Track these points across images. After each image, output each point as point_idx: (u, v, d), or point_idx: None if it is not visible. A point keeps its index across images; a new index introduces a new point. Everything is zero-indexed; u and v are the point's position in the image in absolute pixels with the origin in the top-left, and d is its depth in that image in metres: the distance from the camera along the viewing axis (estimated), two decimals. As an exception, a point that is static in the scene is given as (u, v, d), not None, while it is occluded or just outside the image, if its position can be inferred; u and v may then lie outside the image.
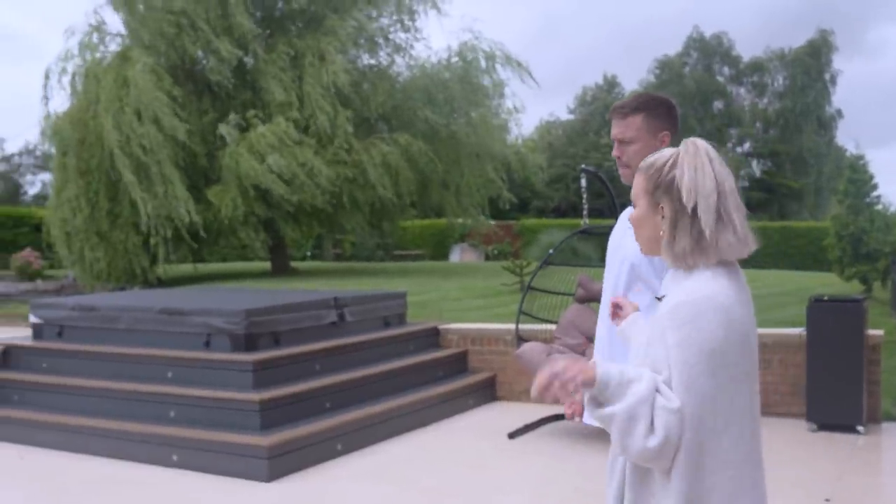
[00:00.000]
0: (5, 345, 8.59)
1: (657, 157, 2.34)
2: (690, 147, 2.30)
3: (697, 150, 2.29)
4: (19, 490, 6.30)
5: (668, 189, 2.28)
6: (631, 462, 2.21)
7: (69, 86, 19.86)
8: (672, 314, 2.15)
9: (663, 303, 2.26)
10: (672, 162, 2.29)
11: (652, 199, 2.32)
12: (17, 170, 61.82)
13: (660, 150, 2.38)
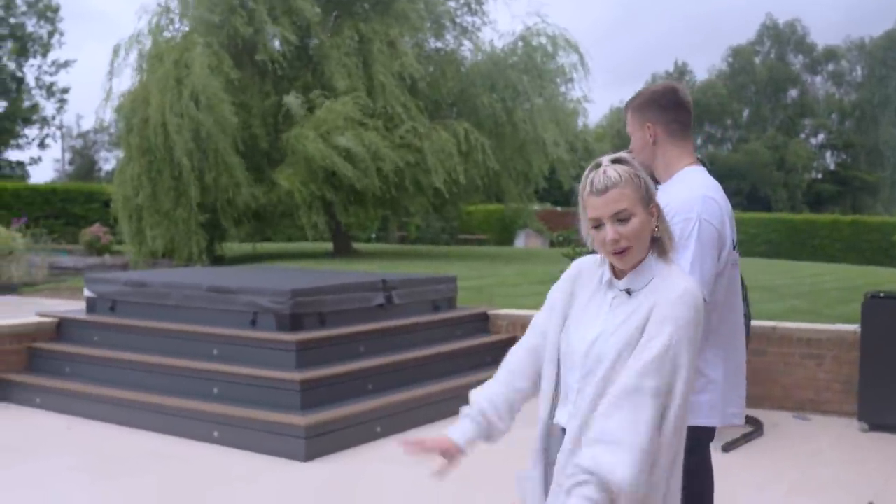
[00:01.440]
0: (60, 317, 8.75)
1: (629, 168, 2.46)
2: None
3: None
4: (66, 459, 6.41)
5: (650, 193, 2.47)
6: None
7: (135, 65, 20.15)
8: (677, 301, 2.37)
9: (649, 293, 2.41)
10: (639, 170, 2.48)
11: (645, 204, 2.45)
12: (92, 146, 63.14)
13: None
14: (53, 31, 45.69)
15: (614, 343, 2.40)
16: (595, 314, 2.51)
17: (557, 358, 2.57)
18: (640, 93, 3.30)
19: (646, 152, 3.22)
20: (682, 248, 2.94)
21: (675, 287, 2.39)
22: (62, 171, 60.14)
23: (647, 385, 2.30)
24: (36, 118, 44.55)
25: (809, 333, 7.76)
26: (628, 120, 3.29)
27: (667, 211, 2.90)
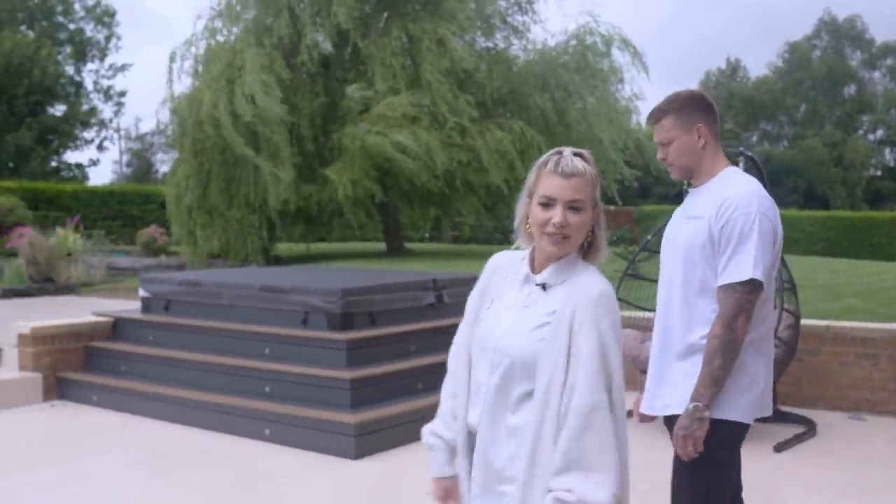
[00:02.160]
0: (115, 317, 8.90)
1: (586, 163, 2.47)
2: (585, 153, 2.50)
3: None
4: (121, 455, 6.52)
5: (598, 200, 2.50)
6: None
7: (191, 68, 20.42)
8: (600, 303, 2.39)
9: (566, 290, 2.44)
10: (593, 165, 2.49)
11: (594, 201, 2.48)
12: (149, 149, 64.03)
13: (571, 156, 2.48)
14: (110, 36, 46.42)
15: (528, 345, 2.41)
16: (507, 308, 2.52)
17: (469, 356, 2.58)
18: (676, 97, 3.27)
19: (694, 155, 3.24)
20: (743, 241, 3.01)
21: (592, 289, 2.41)
22: (120, 173, 61.10)
23: (600, 400, 2.33)
24: (94, 121, 45.29)
25: (864, 332, 7.63)
26: (667, 124, 3.25)
27: (726, 205, 3.05)
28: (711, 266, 3.12)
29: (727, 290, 3.04)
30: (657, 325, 3.31)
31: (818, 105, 53.65)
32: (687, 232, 3.18)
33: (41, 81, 37.98)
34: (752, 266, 3.02)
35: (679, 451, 3.10)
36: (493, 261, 2.67)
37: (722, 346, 3.02)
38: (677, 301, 3.20)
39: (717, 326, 3.03)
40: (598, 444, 2.31)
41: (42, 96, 38.70)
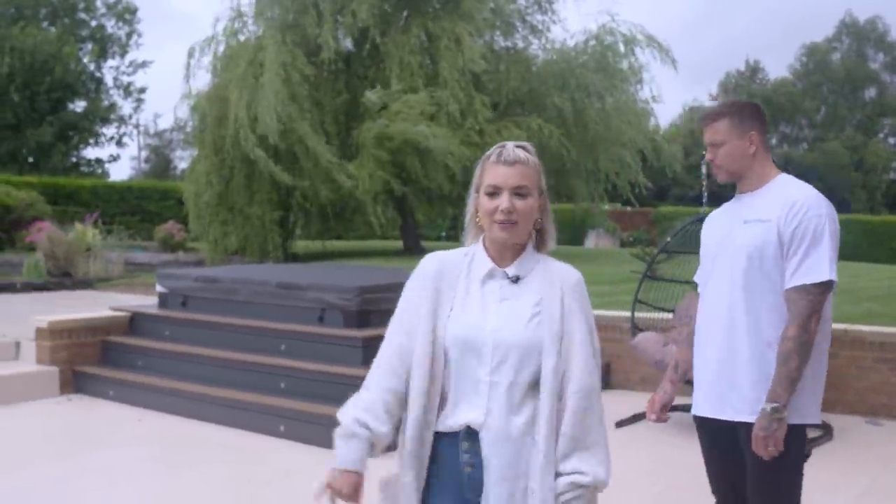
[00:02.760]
0: (133, 312, 8.93)
1: (526, 151, 2.57)
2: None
3: None
4: (137, 449, 6.55)
5: (543, 188, 2.60)
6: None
7: (210, 65, 20.46)
8: (580, 289, 2.55)
9: (561, 277, 2.55)
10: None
11: (539, 188, 2.56)
12: (168, 145, 64.27)
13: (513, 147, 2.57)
14: (131, 33, 46.56)
15: (527, 337, 2.47)
16: (482, 305, 2.52)
17: (432, 355, 2.51)
18: (733, 103, 3.37)
19: (743, 161, 3.31)
20: (816, 243, 3.09)
21: (572, 276, 2.57)
22: (139, 169, 61.33)
23: (595, 382, 2.48)
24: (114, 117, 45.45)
25: (882, 337, 7.58)
26: (722, 127, 3.32)
27: (797, 207, 3.13)
28: (779, 268, 3.17)
29: (801, 291, 3.10)
30: (717, 329, 3.31)
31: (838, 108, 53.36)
32: (750, 235, 3.22)
33: (63, 78, 38.16)
34: (828, 267, 3.10)
35: (760, 452, 3.12)
36: (435, 263, 2.63)
37: (798, 346, 3.08)
38: (742, 305, 3.23)
39: (793, 327, 3.09)
40: (595, 424, 2.47)
41: (63, 93, 38.88)
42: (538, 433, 2.42)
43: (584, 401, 2.44)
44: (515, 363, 2.44)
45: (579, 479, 2.41)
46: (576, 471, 2.41)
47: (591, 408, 2.45)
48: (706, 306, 3.39)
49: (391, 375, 2.56)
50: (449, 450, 2.50)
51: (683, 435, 7.12)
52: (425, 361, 2.50)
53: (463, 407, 2.49)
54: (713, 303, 3.34)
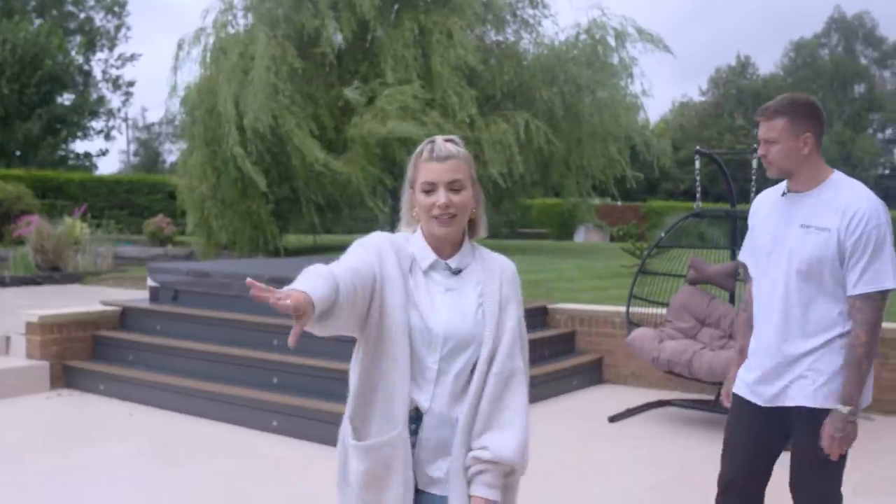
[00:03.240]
0: (123, 306, 8.89)
1: (458, 145, 2.63)
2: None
3: None
4: (128, 445, 6.51)
5: (475, 179, 2.65)
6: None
7: (199, 58, 20.34)
8: (515, 279, 2.66)
9: (499, 267, 2.64)
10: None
11: (472, 180, 2.62)
12: (157, 138, 64.11)
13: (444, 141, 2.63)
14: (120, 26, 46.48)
15: (473, 327, 2.55)
16: (430, 296, 2.58)
17: (408, 322, 2.52)
18: (793, 101, 3.37)
19: (793, 160, 3.35)
20: (879, 252, 3.21)
21: (508, 267, 2.67)
22: (127, 162, 61.14)
23: (517, 366, 2.57)
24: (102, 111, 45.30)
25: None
26: (779, 125, 3.33)
27: (858, 217, 3.22)
28: (835, 274, 3.28)
29: (867, 298, 3.23)
30: (774, 320, 3.40)
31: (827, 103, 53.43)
32: (810, 244, 3.30)
33: (52, 71, 38.00)
34: (893, 275, 3.23)
35: (833, 452, 3.29)
36: (391, 241, 2.61)
37: (868, 352, 3.24)
38: (796, 303, 3.34)
39: (864, 334, 3.23)
40: (512, 406, 2.54)
41: (52, 86, 38.70)
42: (461, 413, 2.53)
43: (501, 384, 2.53)
44: (462, 353, 2.54)
45: (481, 454, 2.49)
46: (481, 446, 2.50)
47: (507, 390, 2.54)
48: (764, 300, 3.49)
49: (351, 273, 2.40)
50: None
51: (677, 430, 7.13)
52: (404, 334, 2.51)
53: (411, 391, 2.54)
54: (770, 298, 3.44)
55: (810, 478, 3.41)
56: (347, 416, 2.65)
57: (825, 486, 3.43)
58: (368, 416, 2.57)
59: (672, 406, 7.69)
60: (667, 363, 7.01)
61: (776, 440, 3.53)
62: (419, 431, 2.55)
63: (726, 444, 3.65)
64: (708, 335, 7.29)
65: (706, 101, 54.53)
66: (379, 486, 2.56)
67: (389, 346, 2.53)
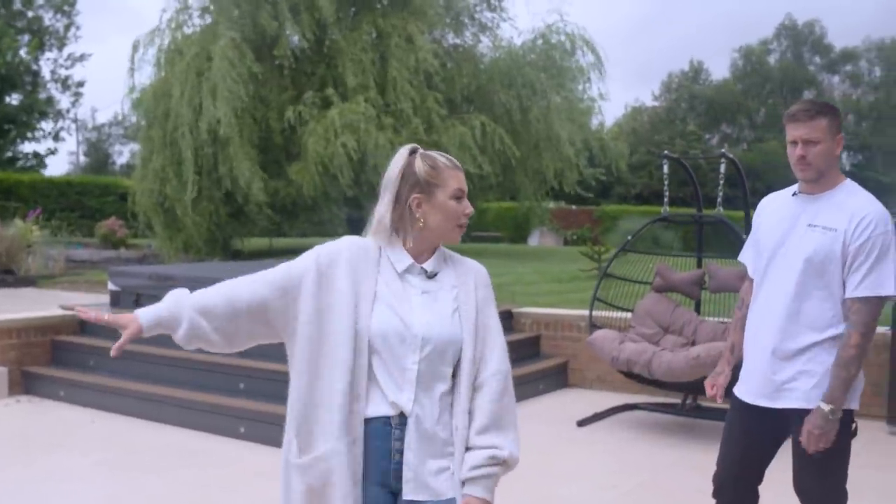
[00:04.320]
0: (83, 311, 8.73)
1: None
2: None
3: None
4: (91, 453, 6.39)
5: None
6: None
7: (154, 59, 20.13)
8: (489, 283, 2.72)
9: (472, 270, 2.69)
10: None
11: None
12: (107, 139, 63.24)
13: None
14: (69, 25, 45.70)
15: (453, 330, 2.58)
16: (405, 299, 2.58)
17: (354, 347, 2.52)
18: (828, 104, 3.43)
19: (830, 162, 3.40)
20: (882, 258, 3.28)
21: (481, 269, 2.73)
22: (77, 164, 60.26)
23: (508, 368, 2.64)
24: (51, 111, 44.56)
25: (838, 336, 7.67)
26: (822, 126, 3.36)
27: (866, 222, 3.30)
28: (837, 275, 3.33)
29: (866, 302, 3.29)
30: (773, 321, 3.45)
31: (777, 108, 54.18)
32: (814, 242, 3.36)
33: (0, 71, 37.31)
34: (892, 282, 3.29)
35: (810, 448, 3.34)
36: (355, 248, 2.64)
37: (859, 354, 3.28)
38: (797, 303, 3.40)
39: (857, 335, 3.28)
40: (510, 406, 2.61)
41: (1, 85, 38.01)
42: (456, 417, 2.56)
43: (502, 383, 2.58)
44: (441, 354, 2.55)
45: (498, 453, 2.52)
46: (493, 445, 2.53)
47: (507, 390, 2.59)
48: (763, 299, 3.54)
49: (241, 302, 2.64)
50: (375, 438, 2.53)
51: (644, 433, 7.17)
52: (349, 355, 2.51)
53: (393, 394, 2.53)
54: (770, 296, 3.49)
55: (813, 478, 3.47)
56: (292, 435, 2.61)
57: (829, 484, 3.49)
58: (312, 430, 2.56)
59: (639, 409, 7.72)
60: (626, 363, 7.01)
61: (770, 441, 3.60)
62: (405, 435, 2.52)
63: (722, 445, 3.72)
64: (671, 342, 7.32)
65: (659, 106, 55.00)
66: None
67: (329, 352, 2.54)
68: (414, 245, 2.63)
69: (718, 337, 7.11)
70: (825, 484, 3.49)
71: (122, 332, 2.56)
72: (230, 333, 2.68)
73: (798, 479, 3.52)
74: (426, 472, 2.53)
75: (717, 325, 7.30)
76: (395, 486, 2.53)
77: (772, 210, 3.62)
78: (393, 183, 2.61)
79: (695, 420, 7.41)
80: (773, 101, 55.02)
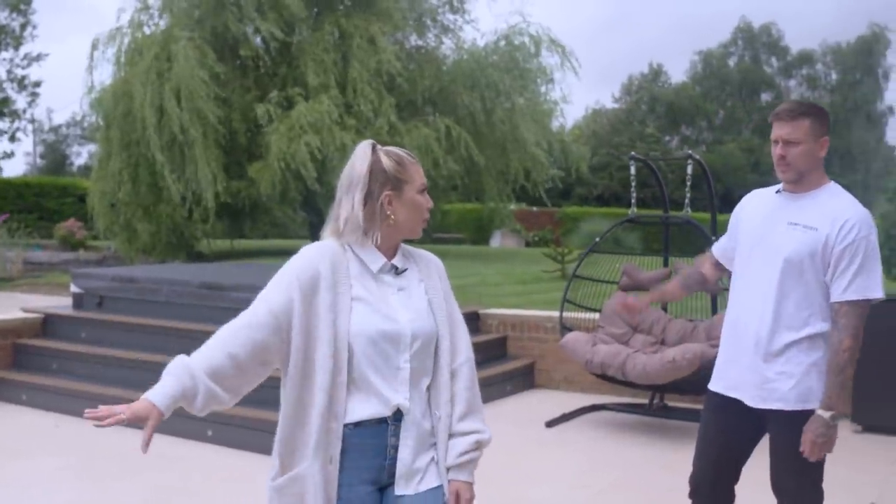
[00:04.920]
0: (46, 313, 8.61)
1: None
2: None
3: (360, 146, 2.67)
4: (54, 458, 6.30)
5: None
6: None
7: (114, 58, 19.89)
8: (445, 272, 2.79)
9: (418, 268, 2.72)
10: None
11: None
12: (64, 140, 62.48)
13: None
14: (26, 24, 45.11)
15: (430, 323, 2.64)
16: (383, 297, 2.60)
17: (335, 349, 2.51)
18: (814, 105, 3.42)
19: (812, 163, 3.39)
20: (868, 261, 3.28)
21: (435, 260, 2.81)
22: (33, 165, 59.46)
23: (473, 356, 2.73)
24: (7, 112, 43.95)
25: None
26: (805, 127, 3.34)
27: (850, 224, 3.28)
28: (817, 276, 3.33)
29: (855, 305, 3.28)
30: (752, 319, 3.45)
31: (736, 111, 54.70)
32: (794, 240, 3.35)
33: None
34: (880, 285, 3.32)
35: (812, 454, 3.34)
36: (327, 254, 2.60)
37: (852, 357, 3.29)
38: (775, 302, 3.38)
39: (849, 339, 3.28)
40: (477, 391, 2.71)
41: (-45, 85, 37.48)
42: (439, 407, 2.64)
43: (471, 371, 2.70)
44: (426, 349, 2.61)
45: (481, 437, 2.66)
46: (475, 430, 2.66)
47: (474, 377, 2.71)
48: (742, 294, 3.53)
49: (236, 344, 2.57)
50: (367, 438, 2.54)
51: (612, 434, 7.19)
52: (328, 357, 2.50)
53: (389, 395, 2.55)
54: (750, 293, 3.48)
55: (791, 478, 3.47)
56: (275, 455, 2.66)
57: (806, 483, 3.50)
58: (293, 449, 2.60)
59: (606, 410, 7.75)
60: (600, 366, 7.04)
61: (746, 441, 3.61)
62: (400, 431, 2.57)
63: (697, 445, 3.72)
64: (640, 341, 7.36)
65: (618, 108, 55.31)
66: None
67: (312, 366, 2.55)
68: (382, 242, 2.63)
69: (687, 336, 7.16)
70: (802, 482, 3.49)
71: (142, 424, 2.46)
72: (237, 388, 2.66)
73: (776, 479, 3.52)
74: (416, 465, 2.59)
75: (685, 324, 7.35)
76: (385, 482, 2.57)
77: (753, 206, 3.62)
78: (362, 180, 2.57)
79: (662, 420, 7.45)
80: (732, 104, 55.54)
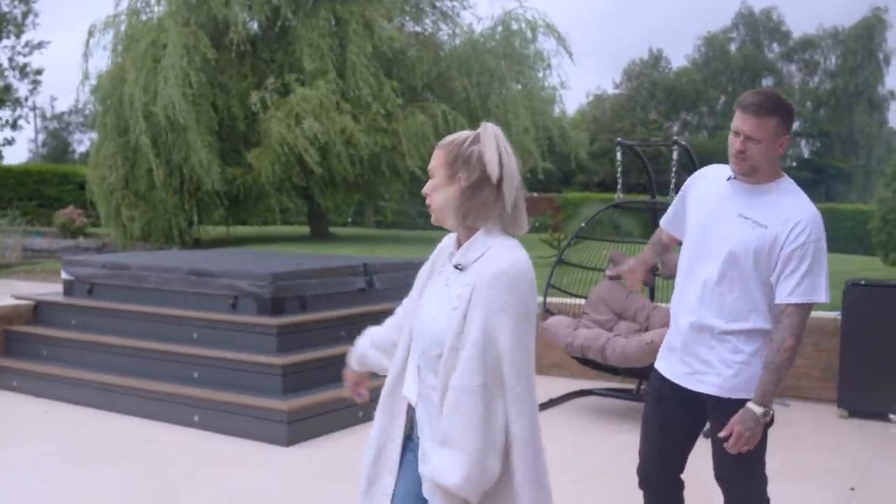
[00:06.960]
0: (37, 300, 8.66)
1: (457, 135, 2.54)
2: (489, 129, 2.49)
3: (497, 134, 2.49)
4: (44, 444, 6.35)
5: (466, 162, 2.47)
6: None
7: (111, 45, 19.92)
8: (493, 285, 2.37)
9: (475, 270, 2.43)
10: (472, 139, 2.50)
11: (450, 171, 2.49)
12: (66, 128, 62.47)
13: (461, 132, 2.59)
14: (27, 12, 45.06)
15: (442, 328, 2.46)
16: (435, 290, 2.59)
17: (410, 331, 2.66)
18: (783, 103, 3.29)
19: (769, 161, 3.31)
20: (816, 264, 3.25)
21: (489, 270, 2.40)
22: (36, 152, 59.48)
23: (474, 383, 2.36)
24: (9, 99, 43.95)
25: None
26: (771, 125, 3.25)
27: (801, 226, 3.25)
28: (760, 272, 3.30)
29: (800, 307, 3.26)
30: (692, 304, 3.45)
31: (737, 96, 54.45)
32: (743, 235, 3.31)
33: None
34: (825, 289, 3.28)
35: (735, 448, 3.29)
36: (445, 242, 2.71)
37: (791, 357, 3.27)
38: (716, 290, 3.37)
39: (792, 340, 3.25)
40: (463, 425, 2.34)
41: (-44, 73, 37.47)
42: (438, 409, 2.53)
43: (455, 397, 2.37)
44: (434, 350, 2.47)
45: (425, 472, 2.44)
46: (432, 474, 2.40)
47: (459, 406, 2.36)
48: (686, 276, 3.52)
49: (393, 326, 2.89)
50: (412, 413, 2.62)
51: (599, 419, 7.24)
52: (407, 333, 2.67)
53: (409, 381, 2.63)
54: (694, 276, 3.47)
55: (733, 465, 3.44)
56: None
57: (748, 471, 3.48)
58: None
59: (594, 395, 7.79)
60: (580, 349, 7.05)
61: (686, 434, 3.62)
62: (415, 422, 2.60)
63: (641, 440, 3.73)
64: (624, 328, 7.39)
65: (620, 94, 55.19)
66: None
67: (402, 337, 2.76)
68: (459, 235, 2.60)
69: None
70: (745, 470, 3.47)
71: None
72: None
73: (718, 467, 3.51)
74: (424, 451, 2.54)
75: (670, 312, 7.37)
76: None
77: (706, 190, 3.53)
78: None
79: (648, 405, 7.49)
80: (733, 89, 55.38)
